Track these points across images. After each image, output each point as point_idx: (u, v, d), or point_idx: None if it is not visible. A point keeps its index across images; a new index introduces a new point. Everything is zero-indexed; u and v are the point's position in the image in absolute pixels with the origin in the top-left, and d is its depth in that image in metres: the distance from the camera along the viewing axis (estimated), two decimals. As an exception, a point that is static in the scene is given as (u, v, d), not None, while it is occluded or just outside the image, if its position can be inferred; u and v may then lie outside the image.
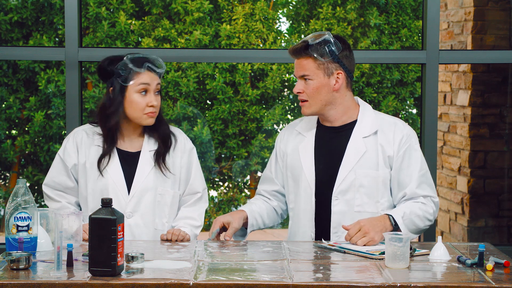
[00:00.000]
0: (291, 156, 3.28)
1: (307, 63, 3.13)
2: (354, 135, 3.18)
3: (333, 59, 3.13)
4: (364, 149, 3.16)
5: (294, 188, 3.26)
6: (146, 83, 3.17)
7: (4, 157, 6.06)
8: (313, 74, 3.13)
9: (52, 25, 6.01)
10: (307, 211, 3.20)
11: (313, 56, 3.12)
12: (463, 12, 5.26)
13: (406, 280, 2.48)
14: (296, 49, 3.14)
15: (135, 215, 3.21)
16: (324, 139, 3.24)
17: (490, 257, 2.68)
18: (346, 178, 3.15)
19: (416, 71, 6.12)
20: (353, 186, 3.15)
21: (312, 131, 3.26)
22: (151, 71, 3.18)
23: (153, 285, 2.43)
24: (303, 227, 3.22)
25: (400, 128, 3.20)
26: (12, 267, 2.57)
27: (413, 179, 3.15)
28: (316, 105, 3.16)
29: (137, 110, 3.17)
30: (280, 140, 3.36)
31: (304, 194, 3.21)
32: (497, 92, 5.17)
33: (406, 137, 3.18)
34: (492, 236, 5.21)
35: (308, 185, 3.20)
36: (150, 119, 3.20)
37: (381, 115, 3.26)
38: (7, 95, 6.01)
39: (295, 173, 3.25)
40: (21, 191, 2.78)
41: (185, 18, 6.00)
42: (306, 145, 3.24)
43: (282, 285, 2.44)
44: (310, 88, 3.14)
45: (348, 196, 3.16)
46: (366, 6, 6.06)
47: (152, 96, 3.18)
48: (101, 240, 2.48)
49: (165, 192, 3.24)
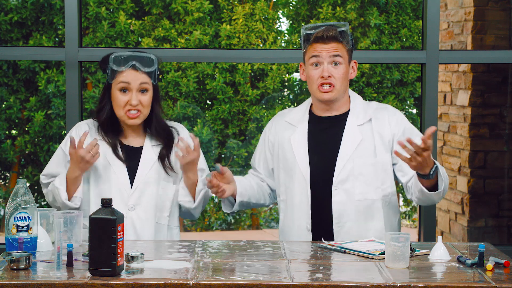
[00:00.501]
0: (282, 148, 3.28)
1: (339, 47, 3.17)
2: (349, 124, 3.21)
3: (351, 48, 3.21)
4: (360, 137, 3.18)
5: (285, 180, 3.26)
6: (126, 81, 3.16)
7: (4, 157, 6.07)
8: (344, 59, 3.18)
9: (52, 25, 6.02)
10: (303, 203, 3.20)
11: (343, 42, 3.17)
12: (463, 12, 5.26)
13: (406, 280, 2.48)
14: (332, 34, 3.15)
15: (137, 208, 3.21)
16: (317, 130, 3.25)
17: (490, 257, 2.68)
18: (345, 167, 3.16)
19: (416, 71, 6.12)
20: (352, 175, 3.16)
21: (304, 121, 3.26)
22: (136, 70, 3.18)
23: (153, 285, 2.43)
24: (298, 220, 3.22)
25: (392, 111, 3.25)
26: (12, 267, 2.57)
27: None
28: (341, 90, 3.19)
29: (118, 108, 3.18)
30: (269, 131, 3.36)
31: (298, 186, 3.21)
32: (497, 92, 5.17)
33: (400, 118, 3.24)
34: (492, 236, 5.21)
35: (302, 177, 3.20)
36: (132, 121, 3.18)
37: (371, 103, 3.31)
38: (7, 95, 6.01)
39: (287, 164, 3.25)
40: (21, 191, 2.78)
41: (185, 18, 6.01)
42: (298, 136, 3.24)
43: (282, 285, 2.43)
44: (340, 72, 3.17)
45: (347, 186, 3.17)
46: (366, 6, 6.06)
47: (134, 94, 3.16)
48: (101, 240, 2.48)
49: (167, 186, 3.25)
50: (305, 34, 3.20)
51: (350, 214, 3.16)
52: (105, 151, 3.22)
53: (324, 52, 3.15)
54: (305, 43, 3.21)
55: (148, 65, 3.19)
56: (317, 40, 3.16)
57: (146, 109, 3.20)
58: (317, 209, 3.19)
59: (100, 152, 3.18)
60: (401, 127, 3.21)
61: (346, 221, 3.15)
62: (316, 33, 3.16)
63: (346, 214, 3.16)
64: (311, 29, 3.20)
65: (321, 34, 3.15)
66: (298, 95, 6.33)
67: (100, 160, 3.21)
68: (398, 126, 3.21)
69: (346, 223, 3.16)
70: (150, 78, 3.20)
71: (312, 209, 3.19)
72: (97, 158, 3.14)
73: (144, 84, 3.18)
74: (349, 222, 3.16)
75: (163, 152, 3.25)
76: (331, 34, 3.15)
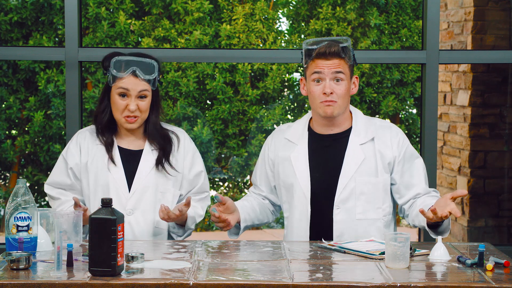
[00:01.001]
0: (282, 165, 3.25)
1: (341, 63, 3.14)
2: (351, 143, 3.18)
3: (353, 63, 3.19)
4: (362, 156, 3.16)
5: (287, 198, 3.25)
6: (125, 88, 3.16)
7: (4, 157, 6.06)
8: (346, 75, 3.15)
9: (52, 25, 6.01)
10: (302, 221, 3.19)
11: (345, 58, 3.14)
12: (463, 12, 5.26)
13: (406, 280, 2.48)
14: (334, 50, 3.12)
15: (136, 213, 3.21)
16: (318, 147, 3.22)
17: (490, 257, 2.68)
18: (347, 186, 3.15)
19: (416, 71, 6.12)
20: (353, 194, 3.15)
21: (304, 139, 3.24)
22: (136, 77, 3.17)
23: (153, 285, 2.43)
24: (297, 237, 3.21)
25: (395, 132, 3.23)
26: (12, 267, 2.57)
27: (421, 178, 3.20)
28: (343, 106, 3.16)
29: (117, 111, 3.19)
30: (268, 148, 3.33)
31: (299, 204, 3.19)
32: (497, 92, 5.17)
33: (402, 140, 3.22)
34: (492, 236, 5.21)
35: (303, 195, 3.18)
36: (129, 125, 3.19)
37: (373, 120, 3.27)
38: (7, 95, 6.01)
39: (287, 182, 3.23)
40: (21, 191, 2.78)
41: (185, 18, 6.00)
42: (298, 154, 3.22)
43: (282, 285, 2.43)
44: (343, 89, 3.14)
45: (349, 205, 3.15)
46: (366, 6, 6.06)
47: (132, 100, 3.16)
48: (101, 240, 2.48)
49: (166, 190, 3.25)
50: (306, 49, 3.16)
51: (351, 233, 3.15)
52: (104, 155, 3.22)
53: (326, 68, 3.12)
54: (306, 58, 3.17)
55: (149, 72, 3.18)
56: (319, 56, 3.13)
57: (144, 114, 3.20)
58: (317, 227, 3.18)
59: (99, 156, 3.20)
60: (401, 151, 3.19)
61: (346, 239, 3.12)
62: (318, 49, 3.13)
63: (347, 233, 3.15)
64: (312, 44, 3.16)
65: (324, 50, 3.12)
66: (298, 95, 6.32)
67: (99, 165, 3.21)
68: (399, 150, 3.19)
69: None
70: (150, 85, 3.19)
71: (312, 227, 3.18)
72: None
73: (144, 91, 3.18)
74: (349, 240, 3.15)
75: (160, 156, 3.25)
76: (333, 50, 3.12)
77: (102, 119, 3.23)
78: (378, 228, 3.17)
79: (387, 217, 3.19)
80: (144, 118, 3.21)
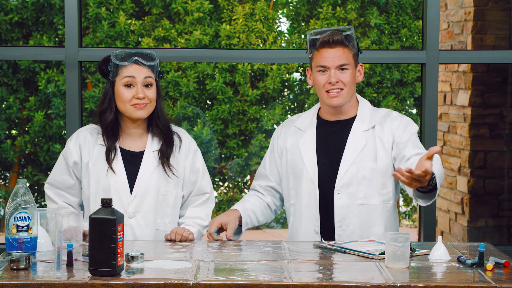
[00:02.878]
0: (291, 152, 3.29)
1: (345, 52, 3.17)
2: (354, 129, 3.22)
3: (357, 51, 3.22)
4: (364, 142, 3.20)
5: (295, 184, 3.27)
6: (131, 76, 3.17)
7: (4, 157, 6.06)
8: (350, 63, 3.19)
9: (52, 25, 6.01)
10: (311, 206, 3.22)
11: (349, 46, 3.17)
12: (463, 12, 5.26)
13: (406, 280, 2.48)
14: (337, 39, 3.16)
15: (137, 216, 3.21)
16: (325, 134, 3.26)
17: (490, 257, 2.68)
18: (348, 171, 3.18)
19: (416, 71, 6.12)
20: (355, 179, 3.18)
21: (313, 126, 3.28)
22: (139, 64, 3.18)
23: (153, 285, 2.43)
24: (306, 222, 3.23)
25: (395, 116, 3.25)
26: (12, 267, 2.57)
27: (411, 145, 3.15)
28: (349, 94, 3.20)
29: (124, 102, 3.18)
30: (278, 137, 3.37)
31: (307, 189, 3.22)
32: (497, 92, 5.17)
33: (405, 123, 3.21)
34: (492, 236, 5.21)
35: (311, 180, 3.21)
36: (139, 111, 3.18)
37: (380, 110, 3.31)
38: (7, 95, 6.01)
39: (296, 168, 3.26)
40: (21, 191, 2.78)
41: (185, 18, 6.00)
42: (306, 141, 3.26)
43: (282, 285, 2.44)
44: (348, 77, 3.18)
45: (350, 189, 3.18)
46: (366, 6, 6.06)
47: (139, 89, 3.17)
48: (101, 240, 2.48)
49: (167, 192, 3.24)
50: (311, 40, 3.20)
51: (353, 218, 3.17)
52: (109, 152, 3.22)
53: (330, 57, 3.16)
54: (311, 48, 3.21)
55: (150, 60, 3.20)
56: (323, 45, 3.17)
57: (152, 103, 3.21)
58: (324, 213, 3.21)
59: (101, 157, 3.20)
60: (399, 130, 3.21)
61: (348, 224, 3.16)
62: (322, 38, 3.17)
63: (348, 218, 3.17)
64: (316, 34, 3.20)
65: (327, 39, 3.16)
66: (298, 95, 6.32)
67: (100, 167, 3.21)
68: (398, 130, 3.21)
69: (348, 227, 3.17)
70: (153, 73, 3.21)
71: (320, 212, 3.20)
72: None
73: (149, 78, 3.19)
74: (351, 226, 3.17)
75: (163, 151, 3.24)
76: (337, 38, 3.16)
77: (107, 119, 3.22)
78: (379, 213, 3.19)
79: (388, 203, 3.21)
80: (152, 107, 3.21)
